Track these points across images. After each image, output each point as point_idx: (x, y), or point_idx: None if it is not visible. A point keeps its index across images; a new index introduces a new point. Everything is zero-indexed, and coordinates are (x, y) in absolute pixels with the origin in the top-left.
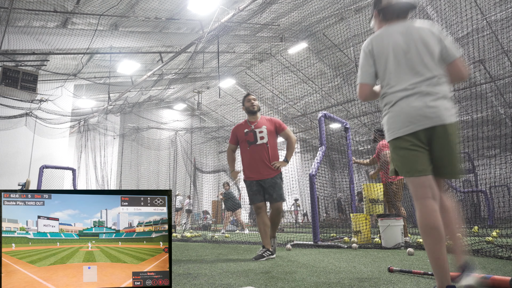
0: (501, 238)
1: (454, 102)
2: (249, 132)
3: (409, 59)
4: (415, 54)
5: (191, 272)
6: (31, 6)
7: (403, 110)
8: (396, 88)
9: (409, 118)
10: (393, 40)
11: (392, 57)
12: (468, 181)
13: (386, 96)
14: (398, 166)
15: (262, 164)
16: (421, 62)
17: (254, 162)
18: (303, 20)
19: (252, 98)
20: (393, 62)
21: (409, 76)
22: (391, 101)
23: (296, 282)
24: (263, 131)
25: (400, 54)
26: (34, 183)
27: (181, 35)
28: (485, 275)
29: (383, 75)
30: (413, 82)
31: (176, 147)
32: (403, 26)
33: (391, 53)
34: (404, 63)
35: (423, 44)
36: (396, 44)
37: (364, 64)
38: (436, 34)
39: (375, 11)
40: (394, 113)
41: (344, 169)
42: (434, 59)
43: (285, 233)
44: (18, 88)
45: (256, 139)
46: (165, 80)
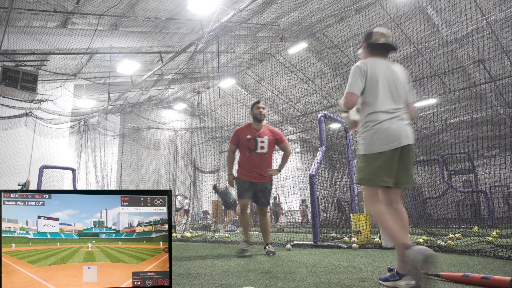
0: (501, 238)
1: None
2: (251, 139)
3: (392, 89)
4: (395, 87)
5: (191, 272)
6: (31, 6)
7: (386, 130)
8: (380, 109)
9: (392, 136)
10: (383, 70)
11: (381, 83)
12: (468, 181)
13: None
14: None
15: (257, 170)
16: (398, 94)
17: (250, 167)
18: (303, 20)
19: (261, 106)
20: (381, 88)
21: (390, 102)
22: (375, 120)
23: (296, 282)
24: (265, 141)
25: (386, 83)
26: (34, 183)
27: (181, 35)
28: (485, 275)
29: (369, 95)
30: (393, 108)
31: (176, 147)
32: (388, 62)
33: (380, 80)
34: (388, 91)
35: (400, 82)
36: (385, 74)
37: (357, 78)
38: (405, 78)
39: (365, 43)
40: (379, 130)
41: (344, 169)
42: (404, 95)
43: (285, 233)
44: (18, 88)
45: (257, 148)
46: (165, 80)
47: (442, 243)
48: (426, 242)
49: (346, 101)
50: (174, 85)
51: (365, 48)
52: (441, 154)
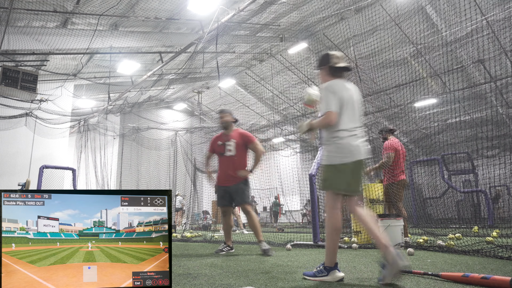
0: (501, 238)
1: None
2: (221, 144)
3: (351, 110)
4: (353, 107)
5: (191, 272)
6: (31, 6)
7: (347, 145)
8: (343, 128)
9: (352, 151)
10: (345, 92)
11: (345, 104)
12: (468, 181)
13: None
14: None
15: (228, 173)
16: (355, 113)
17: (222, 171)
18: (303, 20)
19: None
20: (345, 108)
21: (351, 121)
22: (340, 136)
23: (296, 282)
24: (231, 145)
25: (349, 104)
26: (34, 183)
27: (181, 35)
28: (485, 275)
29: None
30: (353, 127)
31: (176, 147)
32: (347, 83)
33: (344, 101)
34: (350, 110)
35: (356, 102)
36: (348, 95)
37: (332, 98)
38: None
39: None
40: (342, 146)
41: None
42: (358, 114)
43: (285, 233)
44: (18, 88)
45: (225, 151)
46: (165, 80)
47: (442, 243)
48: (426, 242)
49: (331, 119)
50: (174, 85)
51: (325, 70)
52: (441, 154)
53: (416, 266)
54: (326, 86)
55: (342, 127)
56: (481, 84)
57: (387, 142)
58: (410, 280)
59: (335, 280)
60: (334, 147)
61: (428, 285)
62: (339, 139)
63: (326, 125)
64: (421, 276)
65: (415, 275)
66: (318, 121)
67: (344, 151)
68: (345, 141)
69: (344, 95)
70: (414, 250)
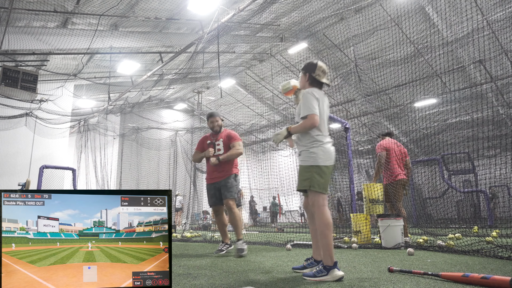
0: (501, 238)
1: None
2: (210, 143)
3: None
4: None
5: (191, 272)
6: (31, 6)
7: (329, 149)
8: (324, 133)
9: (331, 155)
10: (324, 101)
11: (324, 113)
12: (468, 181)
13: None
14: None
15: (216, 170)
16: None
17: (210, 169)
18: (303, 20)
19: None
20: (325, 116)
21: (327, 129)
22: (321, 141)
23: (296, 282)
24: (220, 144)
25: (325, 114)
26: (34, 183)
27: (181, 35)
28: (485, 275)
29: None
30: (327, 134)
31: (176, 147)
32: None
33: (323, 110)
34: (325, 119)
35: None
36: (326, 105)
37: (314, 103)
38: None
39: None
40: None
41: (343, 169)
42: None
43: (285, 233)
44: (18, 88)
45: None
46: (165, 80)
47: (442, 243)
48: (426, 242)
49: (313, 122)
50: (174, 85)
51: (307, 77)
52: (441, 154)
53: (416, 266)
54: (309, 91)
55: (323, 133)
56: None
57: (379, 143)
58: (410, 280)
59: (335, 279)
60: (318, 149)
61: (428, 285)
62: (322, 143)
63: (310, 127)
64: (421, 276)
65: (415, 275)
66: (301, 124)
67: (327, 154)
68: (327, 146)
69: (323, 103)
70: (414, 250)
